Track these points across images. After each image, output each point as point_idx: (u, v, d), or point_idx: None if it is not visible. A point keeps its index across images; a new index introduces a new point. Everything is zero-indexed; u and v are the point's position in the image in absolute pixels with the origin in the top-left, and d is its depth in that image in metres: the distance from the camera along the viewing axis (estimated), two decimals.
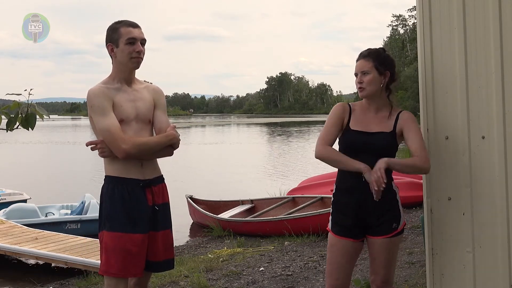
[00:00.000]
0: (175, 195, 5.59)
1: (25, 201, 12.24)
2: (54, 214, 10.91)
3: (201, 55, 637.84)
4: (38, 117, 2.84)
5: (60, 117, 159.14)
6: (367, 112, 2.89)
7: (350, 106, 2.93)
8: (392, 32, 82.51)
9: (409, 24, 76.52)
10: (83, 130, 62.11)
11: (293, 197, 10.51)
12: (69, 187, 16.86)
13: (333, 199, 2.96)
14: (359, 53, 2.90)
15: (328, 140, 2.85)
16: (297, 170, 20.58)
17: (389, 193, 2.83)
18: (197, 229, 10.43)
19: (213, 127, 71.77)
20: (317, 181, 12.14)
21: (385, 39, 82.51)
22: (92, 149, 2.92)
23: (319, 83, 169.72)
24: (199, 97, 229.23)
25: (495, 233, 2.84)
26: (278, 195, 12.01)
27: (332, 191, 3.00)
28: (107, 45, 2.93)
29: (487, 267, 2.87)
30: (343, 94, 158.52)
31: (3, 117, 2.81)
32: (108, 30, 2.95)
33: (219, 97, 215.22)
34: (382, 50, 2.90)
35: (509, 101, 2.78)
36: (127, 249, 2.83)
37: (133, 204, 2.87)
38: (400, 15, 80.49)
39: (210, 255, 7.42)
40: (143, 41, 2.94)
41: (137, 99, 2.97)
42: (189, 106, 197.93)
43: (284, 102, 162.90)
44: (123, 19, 2.98)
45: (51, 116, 3.50)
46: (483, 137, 2.85)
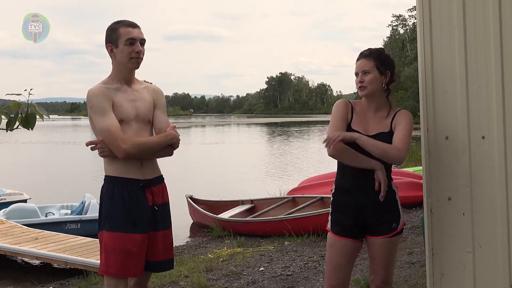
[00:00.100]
0: (175, 195, 5.58)
1: (25, 201, 12.24)
2: (54, 214, 10.91)
3: (201, 55, 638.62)
4: (38, 117, 2.84)
5: (60, 117, 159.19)
6: (367, 111, 2.89)
7: (351, 103, 2.93)
8: (392, 32, 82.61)
9: (409, 24, 76.65)
10: (83, 130, 62.10)
11: (293, 197, 10.50)
12: (69, 187, 16.85)
13: (332, 199, 2.96)
14: (360, 52, 2.91)
15: None
16: (297, 170, 20.57)
17: (388, 193, 2.83)
18: (197, 229, 10.42)
19: (213, 127, 71.75)
20: (317, 181, 12.14)
21: (385, 39, 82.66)
22: (92, 149, 2.92)
23: (319, 83, 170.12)
24: (199, 97, 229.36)
25: (495, 233, 2.84)
26: (278, 195, 12.01)
27: (332, 191, 3.00)
28: (106, 45, 2.93)
29: (487, 267, 2.87)
30: (343, 94, 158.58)
31: (3, 117, 2.81)
32: (107, 30, 2.95)
33: (219, 97, 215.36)
34: (382, 50, 2.91)
35: (509, 101, 2.78)
36: (127, 249, 2.83)
37: (133, 204, 2.87)
38: (400, 15, 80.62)
39: (210, 255, 7.42)
40: (143, 41, 2.94)
41: (137, 99, 2.97)
42: (189, 106, 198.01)
43: (284, 102, 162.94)
44: (122, 19, 2.98)
45: (51, 116, 3.50)
46: (483, 137, 2.85)
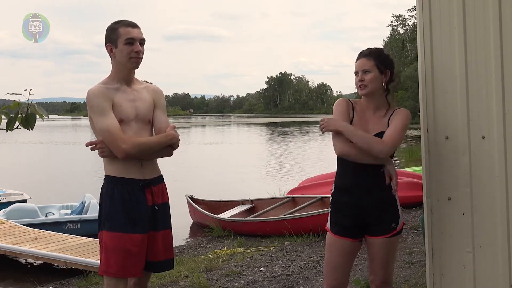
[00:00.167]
0: (175, 195, 5.59)
1: (25, 201, 12.24)
2: (54, 214, 10.91)
3: (201, 55, 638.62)
4: (38, 117, 2.83)
5: (60, 117, 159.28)
6: (366, 111, 2.90)
7: (352, 102, 2.94)
8: (392, 32, 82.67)
9: (409, 24, 76.72)
10: (83, 130, 62.09)
11: (293, 197, 10.50)
12: (69, 187, 16.85)
13: (331, 199, 2.96)
14: (359, 52, 2.91)
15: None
16: (297, 170, 20.57)
17: (387, 192, 2.84)
18: (197, 229, 10.42)
19: (213, 127, 71.75)
20: (317, 181, 12.14)
21: (385, 39, 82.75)
22: (92, 149, 2.92)
23: (319, 83, 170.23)
24: (199, 97, 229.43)
25: (495, 233, 2.84)
26: (278, 195, 12.01)
27: (331, 191, 3.00)
28: (106, 45, 2.93)
29: (487, 267, 2.87)
30: (343, 94, 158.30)
31: (3, 117, 2.80)
32: (107, 30, 2.95)
33: (219, 97, 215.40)
34: (382, 49, 2.93)
35: (509, 101, 2.78)
36: (127, 249, 2.83)
37: (132, 204, 2.87)
38: (400, 15, 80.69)
39: (210, 255, 7.42)
40: (142, 41, 2.93)
41: (136, 99, 2.97)
42: (189, 106, 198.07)
43: (284, 102, 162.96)
44: (122, 19, 2.98)
45: (51, 116, 3.50)
46: (483, 137, 2.85)
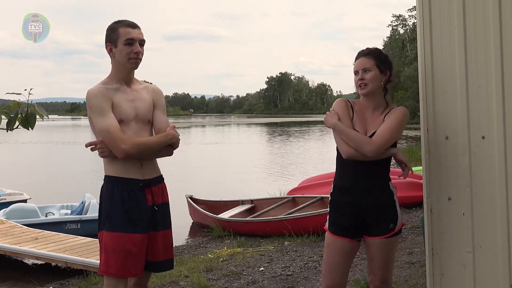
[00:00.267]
0: (175, 195, 5.60)
1: (25, 201, 12.24)
2: (54, 214, 10.91)
3: (201, 55, 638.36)
4: (38, 117, 2.83)
5: (60, 117, 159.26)
6: (365, 110, 2.90)
7: (350, 102, 2.94)
8: (392, 32, 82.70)
9: (409, 24, 76.75)
10: (83, 130, 62.09)
11: (293, 197, 10.51)
12: (69, 187, 16.85)
13: (330, 199, 2.96)
14: (358, 52, 2.91)
15: None
16: (297, 170, 20.57)
17: (386, 193, 2.84)
18: (197, 229, 10.42)
19: (213, 127, 71.75)
20: (317, 181, 12.15)
21: (385, 39, 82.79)
22: (91, 149, 2.92)
23: (319, 83, 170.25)
24: (199, 97, 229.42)
25: (495, 233, 2.84)
26: (278, 195, 12.01)
27: (330, 191, 3.00)
28: (106, 45, 2.93)
29: (487, 267, 2.87)
30: (343, 94, 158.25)
31: (3, 117, 2.80)
32: (107, 30, 2.95)
33: (219, 97, 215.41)
34: (381, 50, 2.93)
35: (509, 101, 2.78)
36: (127, 249, 2.83)
37: (132, 204, 2.87)
38: (400, 15, 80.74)
39: (210, 255, 7.42)
40: (142, 42, 2.93)
41: (136, 99, 2.97)
42: (189, 106, 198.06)
43: (284, 102, 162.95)
44: (122, 19, 2.97)
45: (51, 116, 3.50)
46: (483, 137, 2.85)
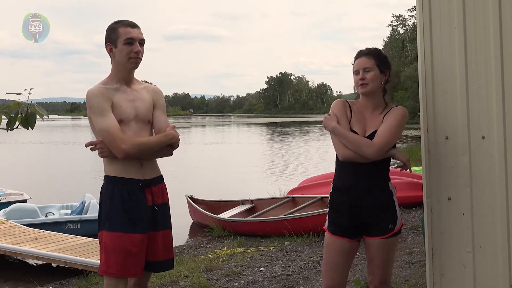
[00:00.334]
0: (175, 195, 5.60)
1: (25, 201, 12.24)
2: (54, 214, 10.91)
3: (201, 55, 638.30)
4: (38, 117, 2.83)
5: (60, 117, 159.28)
6: (364, 110, 2.90)
7: (349, 103, 2.94)
8: (392, 32, 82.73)
9: (409, 24, 76.78)
10: (83, 130, 62.09)
11: (293, 197, 10.51)
12: (69, 187, 16.85)
13: (330, 199, 2.96)
14: (357, 52, 2.91)
15: None
16: (297, 170, 20.57)
17: (386, 193, 2.84)
18: (197, 229, 10.42)
19: (213, 127, 71.75)
20: (317, 181, 12.15)
21: (385, 39, 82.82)
22: (91, 149, 2.92)
23: (319, 83, 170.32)
24: (199, 97, 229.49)
25: (495, 233, 2.84)
26: (278, 195, 12.01)
27: (330, 191, 3.00)
28: (106, 45, 2.93)
29: (487, 267, 2.87)
30: (343, 94, 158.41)
31: (3, 117, 2.80)
32: (107, 30, 2.95)
33: (219, 97, 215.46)
34: (380, 50, 2.94)
35: (509, 101, 2.78)
36: (127, 249, 2.83)
37: (132, 204, 2.87)
38: (400, 15, 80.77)
39: (210, 255, 7.42)
40: (142, 42, 2.93)
41: (136, 99, 2.97)
42: (189, 106, 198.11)
43: (284, 102, 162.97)
44: (122, 19, 2.98)
45: (51, 116, 3.50)
46: (483, 137, 2.85)
